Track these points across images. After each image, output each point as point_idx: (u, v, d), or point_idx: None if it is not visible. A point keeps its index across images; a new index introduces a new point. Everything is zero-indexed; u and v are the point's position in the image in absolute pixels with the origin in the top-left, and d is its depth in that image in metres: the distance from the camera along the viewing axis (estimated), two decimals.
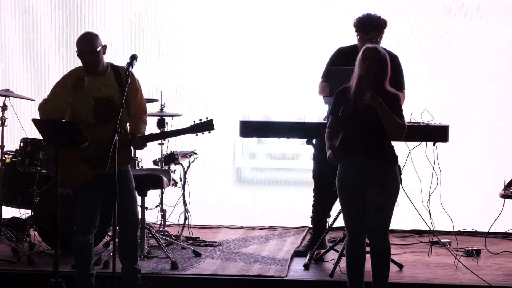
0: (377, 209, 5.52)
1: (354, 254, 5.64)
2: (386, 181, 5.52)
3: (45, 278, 5.92)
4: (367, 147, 5.48)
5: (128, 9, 8.41)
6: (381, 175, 5.51)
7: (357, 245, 5.63)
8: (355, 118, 5.48)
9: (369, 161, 5.49)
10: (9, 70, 8.50)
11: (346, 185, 5.58)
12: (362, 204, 5.55)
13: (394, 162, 5.57)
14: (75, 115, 5.89)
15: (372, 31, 6.61)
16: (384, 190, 5.52)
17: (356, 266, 5.66)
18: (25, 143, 7.05)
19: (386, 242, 5.61)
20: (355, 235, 5.62)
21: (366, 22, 6.64)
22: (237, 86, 8.36)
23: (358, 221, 5.58)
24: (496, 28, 8.09)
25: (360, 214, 5.56)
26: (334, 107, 5.63)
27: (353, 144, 5.52)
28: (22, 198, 7.15)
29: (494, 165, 7.95)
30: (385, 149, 5.54)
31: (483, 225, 7.58)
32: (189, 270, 6.57)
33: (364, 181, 5.50)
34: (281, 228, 8.12)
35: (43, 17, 8.45)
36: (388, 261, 5.67)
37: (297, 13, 8.23)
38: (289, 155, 8.32)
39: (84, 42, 5.85)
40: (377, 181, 5.50)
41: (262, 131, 6.80)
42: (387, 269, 5.67)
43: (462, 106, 8.02)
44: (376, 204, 5.51)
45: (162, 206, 7.50)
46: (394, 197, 5.56)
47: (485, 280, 6.28)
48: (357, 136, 5.50)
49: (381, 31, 6.65)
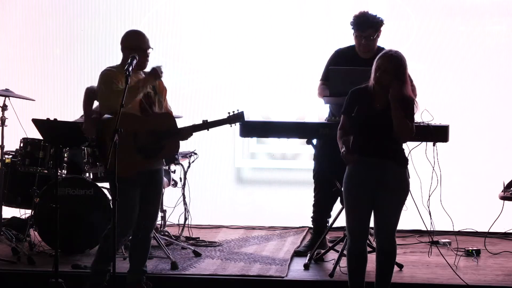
0: (388, 211, 5.53)
1: (356, 257, 5.63)
2: (398, 183, 5.53)
3: (45, 278, 5.92)
4: (380, 148, 5.47)
5: (128, 10, 8.41)
6: (393, 177, 5.51)
7: (359, 249, 5.62)
8: (370, 119, 5.47)
9: (382, 162, 5.48)
10: (9, 70, 8.50)
11: (356, 186, 5.54)
12: (369, 207, 5.55)
13: (405, 165, 5.58)
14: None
15: (368, 29, 6.62)
16: (395, 193, 5.52)
17: (358, 271, 5.64)
18: (25, 143, 7.04)
19: (394, 243, 5.63)
20: (358, 238, 5.60)
21: (362, 20, 6.65)
22: (237, 86, 8.35)
23: (363, 224, 5.57)
24: (496, 29, 8.09)
25: (366, 217, 5.56)
26: (348, 106, 5.58)
27: (366, 145, 5.49)
28: (22, 198, 7.15)
29: (494, 165, 7.95)
30: (397, 151, 5.55)
31: (483, 225, 7.58)
32: (189, 270, 6.58)
33: (375, 183, 5.49)
34: (281, 228, 8.12)
35: (43, 17, 8.45)
36: (394, 262, 5.70)
37: (297, 13, 8.23)
38: (289, 155, 8.32)
39: (147, 39, 5.93)
40: (389, 183, 5.49)
41: (262, 131, 6.80)
42: (392, 270, 5.68)
43: (462, 106, 8.02)
44: (388, 206, 5.52)
45: (162, 206, 7.49)
46: (404, 200, 5.58)
47: (485, 280, 6.29)
48: (370, 138, 5.48)
49: (377, 29, 6.66)
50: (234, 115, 6.10)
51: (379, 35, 6.69)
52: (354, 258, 5.63)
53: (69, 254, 6.83)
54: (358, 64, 6.51)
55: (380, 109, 5.46)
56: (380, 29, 6.68)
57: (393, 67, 5.41)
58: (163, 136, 5.90)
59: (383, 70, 5.40)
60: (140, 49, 5.87)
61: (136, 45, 5.87)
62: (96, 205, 6.83)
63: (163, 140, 5.90)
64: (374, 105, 5.48)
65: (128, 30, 6.00)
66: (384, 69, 5.40)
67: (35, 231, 7.01)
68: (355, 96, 5.56)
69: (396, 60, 5.42)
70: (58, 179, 6.11)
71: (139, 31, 5.99)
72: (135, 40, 5.90)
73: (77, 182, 6.88)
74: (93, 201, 6.84)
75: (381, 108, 5.46)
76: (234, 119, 6.11)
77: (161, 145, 5.90)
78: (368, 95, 5.50)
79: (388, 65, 5.40)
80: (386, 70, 5.40)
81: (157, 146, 5.89)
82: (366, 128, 5.49)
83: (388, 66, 5.40)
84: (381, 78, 5.41)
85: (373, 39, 6.65)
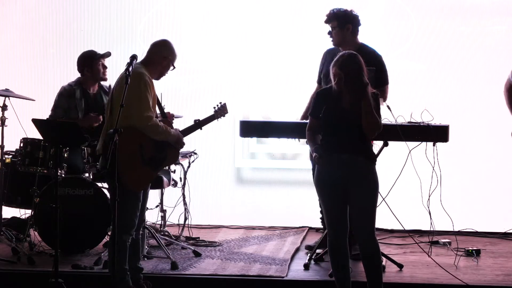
0: (362, 208, 5.60)
1: (335, 253, 5.67)
2: (368, 178, 5.61)
3: (45, 278, 5.91)
4: (350, 145, 5.57)
5: (128, 9, 8.41)
6: (364, 172, 5.60)
7: (339, 244, 5.66)
8: (338, 118, 5.57)
9: (352, 158, 5.57)
10: (9, 70, 8.50)
11: (328, 184, 5.62)
12: (344, 204, 5.62)
13: (374, 160, 5.68)
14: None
15: (330, 21, 6.74)
16: (367, 189, 5.60)
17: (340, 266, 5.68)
18: (25, 143, 7.04)
19: (374, 242, 5.64)
20: (338, 234, 5.65)
21: (327, 14, 6.79)
22: (237, 86, 8.35)
23: (340, 220, 5.64)
24: (496, 29, 8.09)
25: (341, 213, 5.63)
26: (315, 108, 5.72)
27: (336, 143, 5.59)
28: (22, 198, 7.15)
29: (494, 165, 7.95)
30: (367, 147, 5.66)
31: (483, 225, 7.58)
32: (189, 270, 6.57)
33: (346, 179, 5.57)
34: (281, 228, 8.12)
35: (43, 17, 8.45)
36: (379, 263, 5.70)
37: (297, 13, 8.23)
38: (289, 155, 8.32)
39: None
40: (360, 179, 5.59)
41: (262, 131, 6.82)
42: (380, 272, 5.69)
43: (462, 106, 8.02)
44: (361, 203, 5.59)
45: (162, 206, 7.49)
46: (376, 196, 5.65)
47: (485, 280, 6.29)
48: (340, 135, 5.58)
49: (342, 22, 6.71)
50: (219, 108, 6.50)
51: (348, 28, 6.73)
52: (335, 253, 5.68)
53: (69, 254, 6.83)
54: None
55: (346, 107, 5.57)
56: (346, 20, 6.73)
57: (348, 73, 5.52)
58: (166, 144, 5.95)
59: (339, 78, 5.53)
60: (174, 62, 6.06)
61: (174, 60, 6.06)
62: (96, 205, 6.83)
63: (166, 148, 5.95)
64: (340, 104, 5.58)
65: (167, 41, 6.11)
66: (339, 77, 5.52)
67: (35, 231, 7.01)
68: (322, 97, 5.70)
69: (349, 65, 5.54)
70: (58, 179, 6.11)
71: (172, 45, 6.10)
72: (173, 55, 6.05)
73: (77, 182, 6.88)
74: (93, 201, 6.84)
75: (347, 107, 5.57)
76: (221, 111, 6.50)
77: (165, 153, 5.97)
78: (334, 95, 5.60)
79: (343, 73, 5.52)
80: (341, 78, 5.52)
81: (163, 155, 5.96)
82: (334, 126, 5.60)
83: (343, 74, 5.52)
84: (339, 85, 5.54)
85: (335, 30, 6.72)
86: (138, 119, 5.76)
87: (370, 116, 5.51)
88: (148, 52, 6.01)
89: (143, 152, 5.86)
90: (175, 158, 6.18)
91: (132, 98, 5.68)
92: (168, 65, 6.01)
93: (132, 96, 5.68)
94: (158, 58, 5.97)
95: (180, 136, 6.07)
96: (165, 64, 6.00)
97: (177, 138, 6.01)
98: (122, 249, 5.85)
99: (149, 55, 5.99)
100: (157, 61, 5.97)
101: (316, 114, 5.68)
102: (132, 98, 5.68)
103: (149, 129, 5.82)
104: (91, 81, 7.20)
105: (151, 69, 5.94)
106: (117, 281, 5.70)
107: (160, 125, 5.89)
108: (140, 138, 5.83)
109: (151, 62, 5.96)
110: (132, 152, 5.79)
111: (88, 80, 7.19)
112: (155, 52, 5.99)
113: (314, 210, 7.20)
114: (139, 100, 5.75)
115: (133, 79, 5.68)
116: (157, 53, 5.99)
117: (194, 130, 6.45)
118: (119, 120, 5.48)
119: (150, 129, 5.82)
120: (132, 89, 5.66)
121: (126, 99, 5.53)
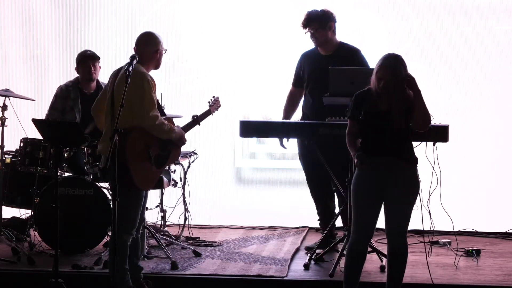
0: (400, 210, 5.56)
1: (356, 255, 5.64)
2: (410, 182, 5.58)
3: (45, 278, 5.92)
4: (392, 147, 5.52)
5: (128, 9, 8.41)
6: (405, 176, 5.56)
7: (361, 249, 5.64)
8: (380, 121, 5.52)
9: (393, 161, 5.53)
10: (9, 70, 8.50)
11: (366, 185, 5.57)
12: (378, 207, 5.58)
13: (416, 163, 5.63)
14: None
15: (309, 24, 6.80)
16: (407, 191, 5.57)
17: (355, 266, 5.66)
18: (25, 143, 7.04)
19: (405, 243, 5.64)
20: (362, 238, 5.62)
21: (304, 18, 6.84)
22: (237, 86, 8.35)
23: (369, 225, 5.59)
24: (497, 28, 8.09)
25: (372, 218, 5.59)
26: (354, 111, 5.62)
27: (377, 145, 5.54)
28: (22, 198, 7.15)
29: (494, 165, 7.95)
30: (409, 150, 5.62)
31: (483, 225, 7.58)
32: (189, 270, 6.57)
33: (385, 182, 5.53)
34: (281, 228, 8.12)
35: (43, 17, 8.44)
36: (405, 263, 5.69)
37: (297, 13, 8.20)
38: (289, 155, 8.30)
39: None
40: (401, 182, 5.54)
41: (262, 131, 6.82)
42: (403, 271, 5.69)
43: (462, 106, 8.02)
44: (400, 205, 5.55)
45: (162, 206, 7.49)
46: (415, 199, 5.63)
47: (485, 280, 6.29)
48: (381, 138, 5.53)
49: (324, 22, 6.78)
50: (213, 102, 6.70)
51: (331, 26, 6.80)
52: (354, 256, 5.64)
53: (69, 254, 6.83)
54: (320, 61, 6.80)
55: (385, 109, 5.51)
56: (326, 21, 6.79)
57: (393, 76, 5.46)
58: (168, 142, 5.96)
59: (386, 81, 5.46)
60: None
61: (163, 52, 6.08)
62: (96, 205, 6.83)
63: (169, 145, 5.95)
64: (379, 106, 5.52)
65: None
66: (386, 79, 5.46)
67: (35, 231, 7.01)
68: (360, 100, 5.61)
69: (395, 68, 5.48)
70: (58, 179, 6.11)
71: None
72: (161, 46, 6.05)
73: (77, 182, 6.88)
74: (93, 201, 6.84)
75: (386, 109, 5.51)
76: (215, 105, 6.68)
77: (169, 151, 6.00)
78: (372, 97, 5.54)
79: (389, 76, 5.46)
80: (388, 80, 5.46)
81: (166, 153, 5.98)
82: (375, 129, 5.53)
83: (389, 77, 5.46)
84: (385, 89, 5.48)
85: (319, 32, 6.77)
86: (145, 119, 5.77)
87: (424, 110, 5.49)
88: (137, 52, 5.93)
89: (150, 151, 5.87)
90: (177, 156, 6.19)
91: (137, 98, 5.69)
92: (161, 54, 6.02)
93: (137, 96, 5.68)
94: (149, 53, 5.95)
95: (183, 134, 6.09)
96: (158, 55, 6.00)
97: (180, 135, 6.02)
98: (123, 249, 5.85)
99: (140, 54, 5.90)
100: (149, 56, 5.96)
101: (356, 117, 5.60)
102: (137, 98, 5.69)
103: (156, 128, 5.83)
104: (84, 80, 7.24)
105: (148, 66, 5.94)
106: (117, 281, 5.70)
107: (166, 123, 5.90)
108: (147, 137, 5.84)
109: (145, 60, 5.93)
110: (141, 151, 5.82)
111: (82, 79, 7.25)
112: (143, 49, 5.94)
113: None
114: (144, 99, 5.76)
115: (135, 79, 5.67)
116: (146, 50, 5.95)
117: (193, 126, 6.48)
118: (125, 120, 5.50)
119: (157, 128, 5.83)
120: (135, 89, 5.66)
121: (130, 100, 5.54)
